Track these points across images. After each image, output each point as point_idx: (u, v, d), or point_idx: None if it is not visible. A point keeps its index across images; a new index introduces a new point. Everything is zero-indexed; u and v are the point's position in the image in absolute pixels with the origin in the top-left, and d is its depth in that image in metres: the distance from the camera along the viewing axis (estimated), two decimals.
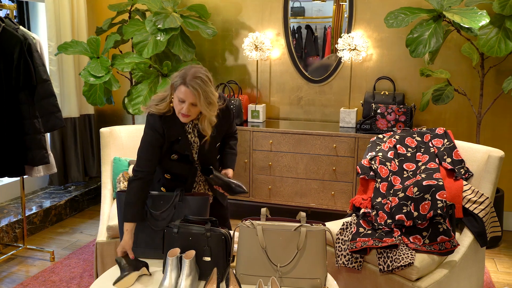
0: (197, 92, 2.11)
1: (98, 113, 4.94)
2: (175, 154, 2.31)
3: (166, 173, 2.39)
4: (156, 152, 2.27)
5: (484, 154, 2.67)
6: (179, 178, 2.40)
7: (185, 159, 2.34)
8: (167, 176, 2.39)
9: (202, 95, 2.12)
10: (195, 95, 2.12)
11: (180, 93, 2.13)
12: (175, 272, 2.00)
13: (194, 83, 2.12)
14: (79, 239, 3.83)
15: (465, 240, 2.54)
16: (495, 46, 3.26)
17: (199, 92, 2.11)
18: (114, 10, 4.11)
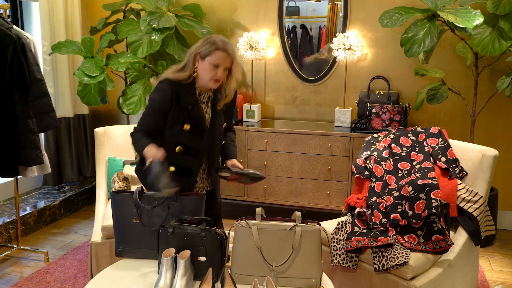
0: (233, 55, 2.26)
1: (93, 113, 4.92)
2: (187, 123, 2.31)
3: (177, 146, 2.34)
4: (161, 118, 2.30)
5: (478, 153, 2.68)
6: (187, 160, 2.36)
7: (197, 131, 2.34)
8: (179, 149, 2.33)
9: (235, 58, 2.28)
10: (231, 59, 2.25)
11: (217, 59, 2.22)
12: (170, 272, 1.99)
13: (229, 47, 2.25)
14: (74, 240, 3.82)
15: (460, 239, 2.55)
16: (489, 45, 3.27)
17: (234, 55, 2.27)
18: (109, 9, 4.10)
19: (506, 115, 3.86)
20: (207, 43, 2.25)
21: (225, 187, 4.10)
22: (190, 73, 2.29)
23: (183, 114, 2.31)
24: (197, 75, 2.30)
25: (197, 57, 2.27)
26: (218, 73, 2.24)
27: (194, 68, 2.29)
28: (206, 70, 2.25)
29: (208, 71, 2.25)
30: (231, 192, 4.10)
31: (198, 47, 2.28)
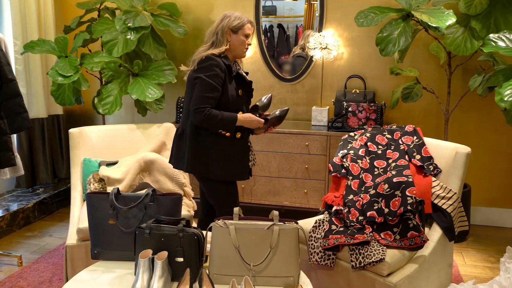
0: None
1: (67, 113, 4.84)
2: (240, 89, 2.61)
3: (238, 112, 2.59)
4: (218, 93, 2.51)
5: (452, 150, 2.73)
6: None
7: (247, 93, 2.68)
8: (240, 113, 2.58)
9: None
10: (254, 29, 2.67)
11: (248, 30, 2.60)
12: (147, 273, 1.98)
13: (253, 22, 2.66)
14: (48, 243, 3.75)
15: (434, 235, 2.59)
16: (461, 45, 3.33)
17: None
18: (83, 8, 4.04)
19: (478, 113, 3.95)
20: (235, 19, 2.59)
21: None
22: (226, 47, 2.57)
23: (233, 81, 2.58)
24: (229, 47, 2.59)
25: (229, 32, 2.58)
26: (249, 41, 2.62)
27: (227, 42, 2.57)
28: (240, 41, 2.59)
29: (241, 42, 2.60)
30: None
31: (226, 24, 2.58)
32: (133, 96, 3.62)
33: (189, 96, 2.59)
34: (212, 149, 2.56)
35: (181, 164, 2.64)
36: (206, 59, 2.50)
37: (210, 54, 2.51)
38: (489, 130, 3.95)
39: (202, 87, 2.47)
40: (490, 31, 3.20)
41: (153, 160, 3.14)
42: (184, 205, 3.06)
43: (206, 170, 2.59)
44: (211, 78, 2.47)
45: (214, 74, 2.47)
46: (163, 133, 3.48)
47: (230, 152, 2.60)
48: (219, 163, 2.58)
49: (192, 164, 2.59)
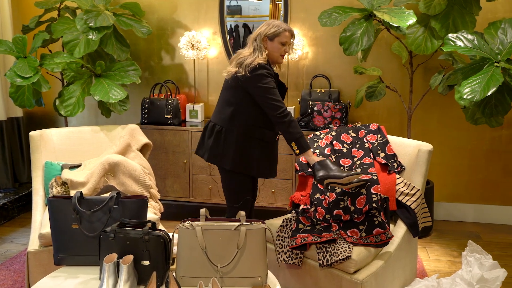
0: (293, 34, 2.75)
1: (28, 116, 4.71)
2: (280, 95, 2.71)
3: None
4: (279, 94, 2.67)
5: (415, 148, 2.78)
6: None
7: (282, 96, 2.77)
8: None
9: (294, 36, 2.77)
10: (293, 37, 2.74)
11: (285, 38, 2.68)
12: (112, 278, 1.94)
13: (293, 30, 2.74)
14: (9, 249, 3.63)
15: (399, 231, 2.64)
16: (422, 44, 3.41)
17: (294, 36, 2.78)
18: (42, 7, 3.93)
19: (439, 111, 4.05)
20: (273, 27, 2.67)
21: (169, 188, 4.05)
22: (266, 54, 2.68)
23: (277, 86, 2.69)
24: (270, 56, 2.70)
25: (265, 39, 2.67)
26: (285, 49, 2.70)
27: (266, 50, 2.68)
28: (275, 48, 2.68)
29: (277, 49, 2.68)
30: (175, 193, 4.05)
31: (263, 31, 2.67)
32: (96, 97, 3.54)
33: (223, 95, 2.79)
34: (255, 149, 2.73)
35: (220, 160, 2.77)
36: (259, 67, 2.60)
37: (257, 63, 2.61)
38: (450, 128, 4.05)
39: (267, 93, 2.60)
40: (449, 31, 3.29)
41: (118, 162, 3.08)
42: (150, 207, 3.02)
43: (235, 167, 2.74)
44: (270, 83, 2.62)
45: (270, 80, 2.63)
46: (127, 135, 3.42)
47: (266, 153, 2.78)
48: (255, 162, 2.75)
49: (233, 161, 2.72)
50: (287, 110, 2.62)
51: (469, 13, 3.32)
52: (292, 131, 2.60)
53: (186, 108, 4.19)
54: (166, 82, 4.22)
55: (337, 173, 2.49)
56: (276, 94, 2.62)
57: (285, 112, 2.60)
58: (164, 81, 4.23)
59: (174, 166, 4.02)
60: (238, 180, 2.78)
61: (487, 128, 3.87)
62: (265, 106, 2.62)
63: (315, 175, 2.56)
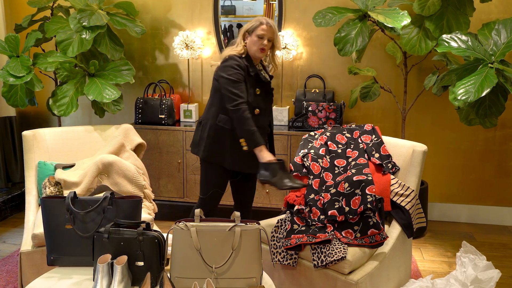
0: (274, 28, 2.73)
1: (21, 115, 4.67)
2: (258, 88, 2.73)
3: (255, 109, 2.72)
4: (244, 87, 2.66)
5: (409, 149, 2.79)
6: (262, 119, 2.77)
7: (265, 93, 2.78)
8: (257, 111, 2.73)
9: (276, 31, 2.75)
10: (273, 31, 2.72)
11: (261, 31, 2.69)
12: (106, 279, 1.92)
13: (271, 22, 2.73)
14: (2, 250, 3.61)
15: (394, 232, 2.65)
16: (416, 45, 3.42)
17: (275, 28, 2.74)
18: (35, 6, 3.90)
19: (433, 111, 4.06)
20: (252, 22, 2.74)
21: (163, 188, 4.03)
22: (243, 47, 2.73)
23: (252, 80, 2.71)
24: (246, 49, 2.73)
25: (246, 34, 2.74)
26: (263, 42, 2.70)
27: (244, 43, 2.73)
28: (253, 42, 2.71)
29: (254, 43, 2.71)
30: (169, 193, 4.04)
31: (244, 27, 2.74)
32: (90, 97, 3.52)
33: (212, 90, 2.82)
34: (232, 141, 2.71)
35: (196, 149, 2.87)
36: (228, 59, 2.70)
37: (228, 54, 2.72)
38: (444, 128, 4.07)
39: (227, 85, 2.65)
40: (443, 32, 3.30)
41: (112, 162, 3.06)
42: (144, 208, 3.01)
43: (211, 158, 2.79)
44: (233, 75, 2.65)
45: (236, 72, 2.66)
46: (121, 135, 3.40)
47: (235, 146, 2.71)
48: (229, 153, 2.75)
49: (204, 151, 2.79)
50: (244, 105, 2.60)
51: (463, 14, 3.33)
52: (243, 127, 2.60)
53: (180, 108, 4.17)
54: (160, 82, 4.21)
55: (278, 183, 2.53)
56: (237, 87, 2.63)
57: (239, 106, 2.60)
58: (158, 81, 4.21)
59: (168, 166, 4.01)
60: (211, 171, 2.83)
61: (481, 128, 3.88)
62: (224, 96, 2.66)
63: (259, 173, 2.59)
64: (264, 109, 2.80)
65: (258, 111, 2.75)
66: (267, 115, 2.86)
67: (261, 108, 2.77)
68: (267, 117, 2.85)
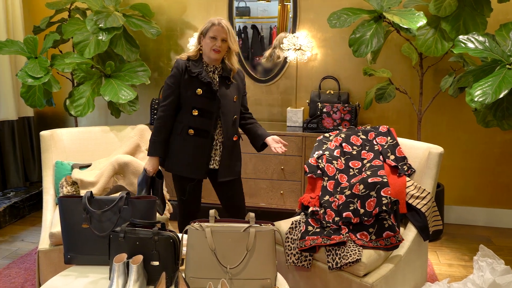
0: (227, 28, 2.68)
1: (38, 116, 4.74)
2: (199, 88, 2.70)
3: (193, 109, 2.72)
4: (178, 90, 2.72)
5: (425, 150, 2.77)
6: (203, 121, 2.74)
7: (208, 94, 2.71)
8: (195, 112, 2.72)
9: (230, 31, 2.69)
10: (225, 31, 2.68)
11: (213, 32, 2.67)
12: (122, 278, 1.94)
13: (223, 22, 2.70)
14: (20, 248, 3.66)
15: (409, 234, 2.62)
16: (432, 46, 3.39)
17: (229, 28, 2.69)
18: (52, 8, 3.96)
19: (449, 113, 4.02)
20: (206, 23, 2.71)
21: None
22: (196, 49, 2.75)
23: (194, 81, 2.70)
24: (202, 51, 2.75)
25: (201, 36, 2.73)
26: (216, 43, 2.67)
27: (199, 46, 2.75)
28: (207, 43, 2.70)
29: (208, 44, 2.69)
30: None
31: (199, 29, 2.74)
32: (106, 97, 3.56)
33: None
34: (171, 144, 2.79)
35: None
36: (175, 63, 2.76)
37: (179, 57, 2.77)
38: (460, 130, 4.03)
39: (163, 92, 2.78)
40: (459, 33, 3.26)
41: (127, 163, 3.09)
42: None
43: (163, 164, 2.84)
44: (168, 78, 2.75)
45: (172, 75, 2.74)
46: (137, 135, 3.43)
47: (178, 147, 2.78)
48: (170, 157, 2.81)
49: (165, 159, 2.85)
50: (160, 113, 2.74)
51: (480, 14, 3.30)
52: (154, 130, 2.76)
53: None
54: None
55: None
56: (165, 90, 2.75)
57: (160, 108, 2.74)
58: None
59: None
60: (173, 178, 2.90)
61: (498, 130, 3.84)
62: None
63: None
64: (207, 110, 2.73)
65: (197, 112, 2.72)
66: (214, 118, 2.74)
67: (202, 109, 2.72)
68: (213, 120, 2.74)
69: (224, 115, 2.77)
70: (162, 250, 2.04)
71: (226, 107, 2.77)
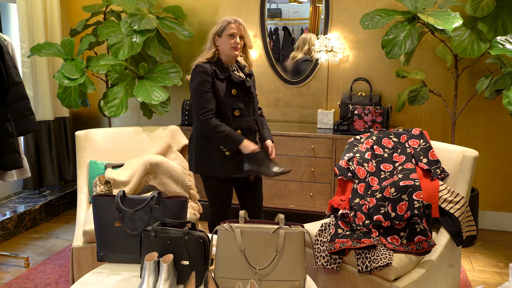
0: (243, 25, 2.68)
1: (74, 116, 4.86)
2: (233, 89, 2.67)
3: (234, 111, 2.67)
4: (211, 95, 2.62)
5: (459, 154, 2.71)
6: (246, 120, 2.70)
7: (243, 92, 2.70)
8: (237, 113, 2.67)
9: (245, 28, 2.70)
10: (242, 28, 2.67)
11: (231, 29, 2.64)
12: (152, 276, 1.97)
13: (239, 19, 2.68)
14: (55, 244, 3.76)
15: (442, 239, 2.57)
16: (468, 47, 3.31)
17: (244, 26, 2.69)
18: (89, 11, 4.05)
19: (485, 116, 3.92)
20: (219, 23, 2.68)
21: None
22: (214, 51, 2.68)
23: (224, 83, 2.66)
24: (219, 51, 2.69)
25: (216, 37, 2.69)
26: (236, 40, 2.64)
27: (215, 47, 2.69)
28: (225, 42, 2.66)
29: (226, 43, 2.65)
30: None
31: (213, 30, 2.70)
32: (139, 98, 3.62)
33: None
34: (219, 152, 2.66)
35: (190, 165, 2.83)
36: (194, 68, 2.67)
37: (198, 62, 2.67)
38: (496, 133, 3.92)
39: (194, 96, 2.65)
40: (497, 34, 3.18)
41: (159, 163, 3.13)
42: (189, 208, 3.06)
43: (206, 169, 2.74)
44: (199, 85, 2.62)
45: (202, 81, 2.62)
46: (168, 136, 3.48)
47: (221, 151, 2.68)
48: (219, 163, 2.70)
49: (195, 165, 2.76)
50: (210, 115, 2.58)
51: None
52: (215, 135, 2.59)
53: None
54: None
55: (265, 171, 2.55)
56: (203, 97, 2.60)
57: (205, 116, 2.58)
58: None
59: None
60: (209, 183, 2.77)
61: None
62: (194, 108, 2.67)
63: (244, 165, 2.57)
64: (245, 109, 2.72)
65: (238, 112, 2.69)
66: (251, 115, 2.76)
67: (241, 108, 2.70)
68: (251, 116, 2.75)
69: (255, 110, 2.81)
70: (192, 250, 2.06)
71: (255, 102, 2.82)
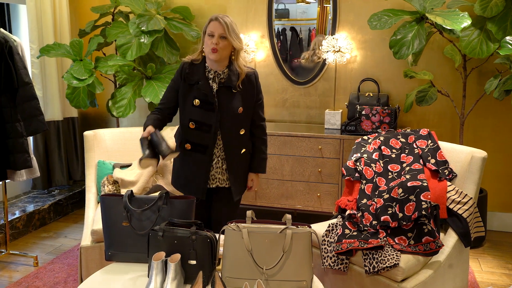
0: (225, 23, 2.38)
1: (82, 116, 4.89)
2: (196, 98, 2.45)
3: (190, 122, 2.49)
4: (172, 94, 2.54)
5: (468, 155, 2.69)
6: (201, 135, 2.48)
7: (206, 105, 2.45)
8: (192, 125, 2.48)
9: (229, 26, 2.39)
10: (223, 26, 2.37)
11: (210, 27, 2.40)
12: (160, 276, 1.98)
13: (222, 16, 2.41)
14: (63, 244, 3.78)
15: (450, 240, 2.56)
16: (477, 47, 3.30)
17: (227, 23, 2.39)
18: (97, 12, 4.08)
19: (494, 116, 3.90)
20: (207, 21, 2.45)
21: None
22: (200, 52, 2.49)
23: (192, 90, 2.47)
24: (205, 53, 2.47)
25: (203, 35, 2.46)
26: (213, 41, 2.38)
27: (202, 47, 2.48)
28: (206, 43, 2.42)
29: (207, 43, 2.42)
30: None
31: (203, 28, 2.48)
32: (147, 99, 3.64)
33: None
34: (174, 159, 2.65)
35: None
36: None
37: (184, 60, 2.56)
38: (505, 134, 3.90)
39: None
40: (506, 34, 3.16)
41: (166, 163, 3.15)
42: None
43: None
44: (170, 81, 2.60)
45: (172, 79, 2.57)
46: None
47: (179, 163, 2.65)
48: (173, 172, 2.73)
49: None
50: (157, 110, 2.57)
51: None
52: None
53: None
54: None
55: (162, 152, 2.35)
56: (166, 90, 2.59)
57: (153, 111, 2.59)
58: None
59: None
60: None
61: None
62: None
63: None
64: (206, 123, 2.46)
65: (193, 125, 2.47)
66: (215, 132, 2.47)
67: (199, 122, 2.46)
68: (212, 134, 2.47)
69: (225, 129, 2.49)
70: (199, 250, 2.06)
71: (228, 121, 2.48)
